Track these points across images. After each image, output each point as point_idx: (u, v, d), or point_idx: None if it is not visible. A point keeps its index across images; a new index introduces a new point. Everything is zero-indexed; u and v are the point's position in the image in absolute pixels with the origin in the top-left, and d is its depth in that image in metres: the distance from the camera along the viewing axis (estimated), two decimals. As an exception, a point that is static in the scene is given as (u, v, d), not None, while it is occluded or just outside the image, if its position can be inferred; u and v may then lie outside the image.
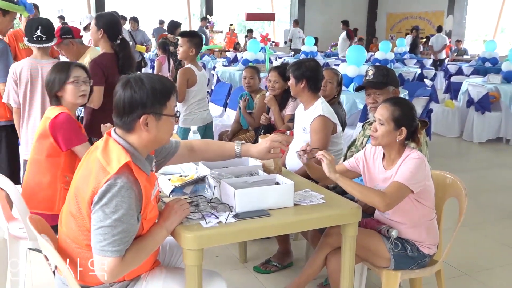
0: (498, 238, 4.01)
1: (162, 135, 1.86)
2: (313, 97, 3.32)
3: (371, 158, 2.56)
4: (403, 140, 2.39)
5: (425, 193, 2.39)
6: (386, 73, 2.98)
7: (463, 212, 2.51)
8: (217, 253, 3.56)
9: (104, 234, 1.70)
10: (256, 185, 2.26)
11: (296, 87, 3.30)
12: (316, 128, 3.20)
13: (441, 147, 7.13)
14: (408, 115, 2.39)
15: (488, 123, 7.45)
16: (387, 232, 2.44)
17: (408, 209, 2.41)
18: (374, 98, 2.96)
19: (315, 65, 3.35)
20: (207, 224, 1.97)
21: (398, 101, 2.43)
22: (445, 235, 2.65)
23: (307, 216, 2.16)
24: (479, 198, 4.91)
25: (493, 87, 7.70)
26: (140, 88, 1.78)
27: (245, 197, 2.10)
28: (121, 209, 1.70)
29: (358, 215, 2.23)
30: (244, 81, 4.79)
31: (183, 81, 4.19)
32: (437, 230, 2.53)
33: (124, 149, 1.78)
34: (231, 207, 2.11)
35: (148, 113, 1.79)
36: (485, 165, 6.38)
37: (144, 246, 1.84)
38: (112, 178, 1.70)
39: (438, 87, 12.56)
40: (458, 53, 16.74)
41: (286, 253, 3.37)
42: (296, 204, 2.22)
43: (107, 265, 1.72)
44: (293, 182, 2.25)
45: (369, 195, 2.27)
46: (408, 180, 2.28)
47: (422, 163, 2.33)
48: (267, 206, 2.14)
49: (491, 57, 12.40)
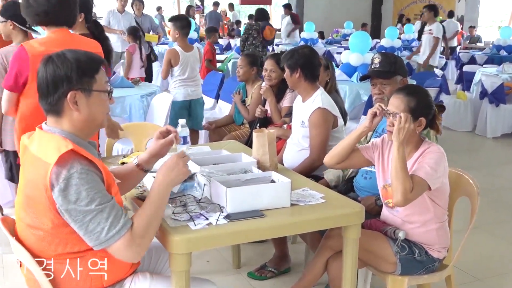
0: (510, 239, 4.01)
1: (95, 114, 1.84)
2: (311, 88, 3.31)
3: (387, 149, 2.55)
4: (421, 131, 2.39)
5: (440, 192, 2.39)
6: (394, 61, 2.97)
7: (475, 212, 2.50)
8: (208, 257, 3.55)
9: (97, 225, 1.69)
10: (250, 184, 2.25)
11: (292, 77, 3.29)
12: (315, 122, 3.19)
13: (452, 142, 7.13)
14: (425, 102, 2.39)
15: (503, 116, 7.46)
16: (394, 233, 2.44)
17: (420, 207, 2.40)
18: (380, 88, 2.95)
19: (309, 52, 3.34)
20: (196, 226, 1.96)
21: (412, 89, 2.43)
22: (455, 238, 2.65)
23: (305, 217, 2.15)
24: (492, 197, 4.92)
25: (508, 77, 7.71)
26: (63, 62, 1.77)
27: (238, 196, 2.09)
28: (95, 194, 1.69)
29: (361, 216, 2.22)
30: (237, 70, 4.80)
31: (166, 60, 5.28)
32: (448, 232, 2.52)
33: (62, 137, 1.77)
34: (222, 208, 2.10)
35: (76, 89, 1.78)
36: (500, 162, 6.39)
37: (150, 205, 1.83)
38: (64, 171, 1.68)
39: (449, 77, 12.56)
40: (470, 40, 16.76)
41: (283, 258, 3.37)
42: (293, 204, 2.21)
43: (122, 247, 1.72)
44: (290, 180, 2.24)
45: (401, 179, 2.22)
46: (429, 175, 2.28)
47: (442, 158, 2.34)
48: (261, 206, 2.13)
49: (507, 45, 12.43)
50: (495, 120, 7.43)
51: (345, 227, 2.23)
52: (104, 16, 8.19)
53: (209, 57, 8.53)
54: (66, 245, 1.78)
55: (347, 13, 18.74)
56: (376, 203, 2.72)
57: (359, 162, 2.63)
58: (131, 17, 8.17)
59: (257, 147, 2.69)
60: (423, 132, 2.50)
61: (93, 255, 1.81)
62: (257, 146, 2.70)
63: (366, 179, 2.91)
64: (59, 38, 2.83)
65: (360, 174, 2.97)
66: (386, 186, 2.49)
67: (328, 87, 3.94)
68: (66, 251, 1.79)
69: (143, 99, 5.18)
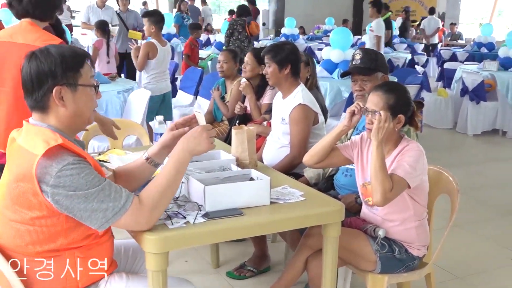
0: (493, 238, 4.08)
1: (82, 109, 1.83)
2: (294, 84, 3.32)
3: (366, 147, 2.56)
4: (400, 128, 2.41)
5: (420, 189, 2.42)
6: (375, 58, 2.99)
7: (455, 210, 2.53)
8: (186, 257, 3.54)
9: (101, 203, 1.71)
10: (229, 181, 2.25)
11: (280, 73, 3.29)
12: (295, 119, 3.20)
13: (432, 139, 7.21)
14: (404, 99, 2.41)
15: (484, 114, 7.57)
16: (374, 231, 2.46)
17: (399, 205, 2.42)
18: (361, 85, 2.96)
19: (295, 47, 3.39)
20: (173, 224, 1.95)
21: (391, 86, 2.45)
22: (436, 236, 2.68)
23: (285, 215, 2.15)
24: (473, 194, 4.99)
25: (489, 75, 7.81)
26: (46, 57, 1.76)
27: (216, 194, 2.09)
28: (93, 179, 1.71)
29: (341, 214, 2.23)
30: (218, 65, 4.80)
31: (144, 53, 5.53)
32: (427, 230, 2.55)
33: (51, 130, 1.76)
34: (200, 206, 2.09)
35: (61, 84, 1.77)
36: (480, 159, 6.49)
37: (165, 175, 1.84)
38: (54, 164, 1.67)
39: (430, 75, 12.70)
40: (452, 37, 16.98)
41: (262, 257, 3.37)
42: (273, 202, 2.21)
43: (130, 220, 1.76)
44: (269, 177, 2.24)
45: (380, 179, 2.23)
46: (408, 174, 2.29)
47: (421, 155, 2.36)
48: (240, 205, 2.13)
49: (487, 42, 12.60)
50: (475, 117, 7.53)
51: (325, 225, 2.24)
52: (83, 12, 8.03)
53: (187, 52, 8.49)
54: (44, 241, 1.77)
55: (329, 9, 18.83)
56: (356, 201, 2.74)
57: (338, 161, 2.65)
58: (112, 12, 7.92)
59: (236, 144, 2.69)
60: (403, 129, 2.52)
61: (70, 255, 1.80)
62: (236, 143, 2.69)
63: (347, 177, 2.92)
64: (14, 27, 2.79)
65: (340, 172, 2.99)
66: (365, 184, 2.51)
67: (308, 84, 3.96)
68: (42, 249, 1.78)
69: (120, 95, 5.14)
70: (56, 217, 1.74)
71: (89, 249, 1.84)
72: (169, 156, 1.93)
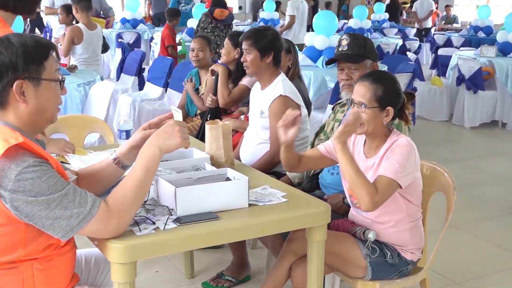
0: (493, 240, 4.14)
1: (44, 106, 1.81)
2: (274, 74, 3.33)
3: (351, 143, 2.58)
4: (389, 122, 2.43)
5: (413, 187, 2.43)
6: (363, 44, 3.01)
7: (451, 209, 2.56)
8: (157, 267, 3.52)
9: (65, 210, 1.70)
10: (202, 182, 2.24)
11: (261, 62, 3.29)
12: (276, 111, 3.20)
13: (427, 132, 7.29)
14: (393, 90, 2.43)
15: (482, 104, 7.66)
16: (363, 234, 2.47)
17: (391, 206, 2.44)
18: (348, 73, 2.98)
19: (277, 33, 3.41)
20: (141, 231, 1.94)
21: (379, 76, 2.46)
22: (431, 238, 2.71)
23: (265, 219, 2.15)
24: (470, 192, 5.06)
25: (486, 61, 7.92)
26: (7, 47, 1.74)
27: (189, 196, 2.08)
28: (56, 182, 1.70)
29: (327, 216, 2.24)
30: (191, 54, 4.78)
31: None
32: (422, 232, 2.57)
33: (10, 129, 1.74)
34: (171, 210, 2.08)
35: (23, 78, 1.75)
36: (478, 154, 6.58)
37: (133, 175, 1.84)
38: (13, 166, 1.65)
39: (423, 62, 12.84)
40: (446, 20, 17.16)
41: (242, 265, 3.38)
42: (252, 204, 2.21)
43: (97, 226, 1.76)
44: (247, 177, 2.24)
45: (360, 186, 2.26)
46: (397, 173, 2.30)
47: (412, 151, 2.37)
48: (216, 208, 2.13)
49: (485, 26, 12.75)
50: (473, 108, 7.63)
51: (309, 228, 2.24)
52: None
53: (171, 42, 8.42)
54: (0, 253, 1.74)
55: (311, -9, 18.85)
56: (343, 202, 2.76)
57: (322, 163, 2.69)
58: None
59: (210, 141, 2.68)
60: (393, 123, 2.54)
61: (27, 267, 1.78)
62: (210, 140, 2.69)
63: (333, 175, 2.94)
64: None
65: (326, 170, 3.00)
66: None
67: (290, 73, 3.96)
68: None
69: (80, 88, 5.10)
70: (15, 225, 1.72)
71: (49, 260, 1.82)
72: (137, 156, 1.91)
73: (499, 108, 7.74)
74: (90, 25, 6.24)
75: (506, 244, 4.06)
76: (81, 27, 6.19)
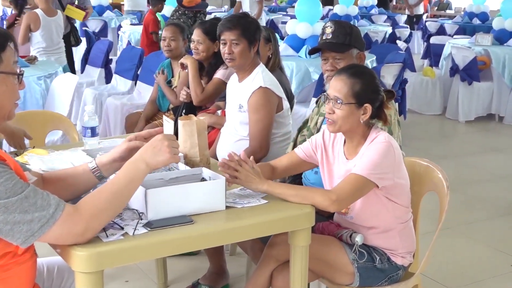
0: (490, 242, 4.18)
1: (1, 100, 1.81)
2: (254, 64, 3.34)
3: (330, 144, 2.59)
4: (368, 120, 2.43)
5: (397, 188, 2.45)
6: (349, 32, 3.02)
7: (444, 209, 2.58)
8: (126, 276, 3.51)
9: (25, 214, 1.68)
10: (175, 183, 2.24)
11: (250, 53, 3.30)
12: (255, 105, 3.21)
13: (418, 127, 7.35)
14: (371, 86, 2.44)
15: (477, 96, 7.74)
16: (350, 238, 2.49)
17: (375, 210, 2.46)
18: (333, 64, 2.99)
19: (256, 19, 3.40)
20: (108, 237, 1.93)
21: (357, 70, 2.47)
22: (423, 241, 2.73)
23: (244, 222, 2.16)
24: (465, 191, 5.11)
25: (482, 50, 7.99)
26: None
27: (160, 199, 2.08)
28: (14, 185, 1.69)
29: (311, 218, 2.25)
30: (163, 43, 4.76)
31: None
32: (413, 234, 2.59)
33: None
34: (141, 214, 2.07)
35: None
36: (474, 150, 6.64)
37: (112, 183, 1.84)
38: None
39: (415, 51, 12.95)
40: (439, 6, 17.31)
41: (219, 273, 3.38)
42: (229, 207, 2.21)
43: (61, 230, 1.74)
44: (225, 177, 2.24)
45: (308, 194, 2.30)
46: (368, 170, 2.32)
47: (388, 149, 2.36)
48: (190, 211, 2.12)
49: (480, 12, 12.89)
50: (468, 101, 7.69)
51: (292, 232, 2.25)
52: None
53: (155, 29, 8.36)
54: None
55: (294, -26, 18.90)
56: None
57: (301, 168, 2.71)
58: None
59: (184, 139, 2.67)
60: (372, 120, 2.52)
61: None
62: (184, 137, 2.68)
63: (317, 174, 2.94)
64: None
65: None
66: None
67: (270, 64, 3.97)
68: None
69: (41, 81, 5.06)
70: None
71: (7, 270, 1.80)
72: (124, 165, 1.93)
73: (496, 101, 7.81)
74: (49, 11, 6.30)
75: (504, 246, 4.10)
76: (39, 12, 6.23)
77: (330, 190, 2.34)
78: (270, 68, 3.75)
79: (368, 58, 6.55)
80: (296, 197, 2.30)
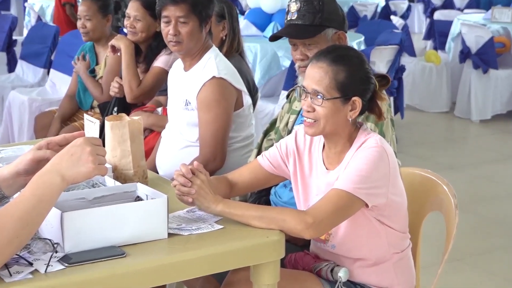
0: (509, 276, 4.24)
1: None
2: (206, 47, 3.36)
3: (305, 150, 2.60)
4: (356, 117, 2.44)
5: (392, 208, 2.46)
6: (319, 8, 3.00)
7: (452, 235, 2.61)
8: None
9: None
10: (102, 203, 2.24)
11: (201, 33, 3.31)
12: (207, 101, 3.22)
13: (419, 129, 7.39)
14: (360, 73, 2.44)
15: (494, 88, 7.82)
16: (331, 273, 2.50)
17: (364, 236, 2.47)
18: (303, 51, 3.00)
19: None
20: (12, 276, 1.92)
21: (339, 53, 2.47)
22: (424, 274, 2.77)
23: (192, 255, 2.16)
24: (479, 211, 5.16)
25: (500, 29, 8.08)
26: None
27: (81, 225, 2.07)
28: None
29: (280, 248, 2.26)
30: (78, 23, 4.77)
31: None
32: (412, 266, 2.62)
33: None
34: (56, 245, 2.06)
35: None
36: (490, 158, 6.71)
37: (14, 210, 1.83)
38: None
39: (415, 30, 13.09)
40: (445, -28, 17.48)
41: (161, 321, 3.37)
42: (173, 234, 2.22)
43: None
44: (167, 195, 2.24)
45: (276, 217, 2.31)
46: (354, 184, 2.32)
47: (381, 156, 2.38)
48: (121, 240, 2.13)
49: (497, -20, 13.08)
50: (482, 94, 7.74)
51: (255, 267, 2.26)
52: None
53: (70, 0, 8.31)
54: None
55: None
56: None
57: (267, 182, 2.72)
58: None
59: (113, 145, 2.67)
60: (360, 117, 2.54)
61: None
62: (112, 143, 2.68)
63: (291, 191, 2.96)
64: None
65: (280, 184, 3.02)
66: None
67: (225, 48, 3.98)
68: None
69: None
70: None
71: None
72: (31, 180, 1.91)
73: (519, 94, 7.93)
74: None
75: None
76: None
77: (305, 210, 2.35)
78: (226, 52, 3.77)
79: (354, 39, 6.61)
80: (261, 221, 2.30)
